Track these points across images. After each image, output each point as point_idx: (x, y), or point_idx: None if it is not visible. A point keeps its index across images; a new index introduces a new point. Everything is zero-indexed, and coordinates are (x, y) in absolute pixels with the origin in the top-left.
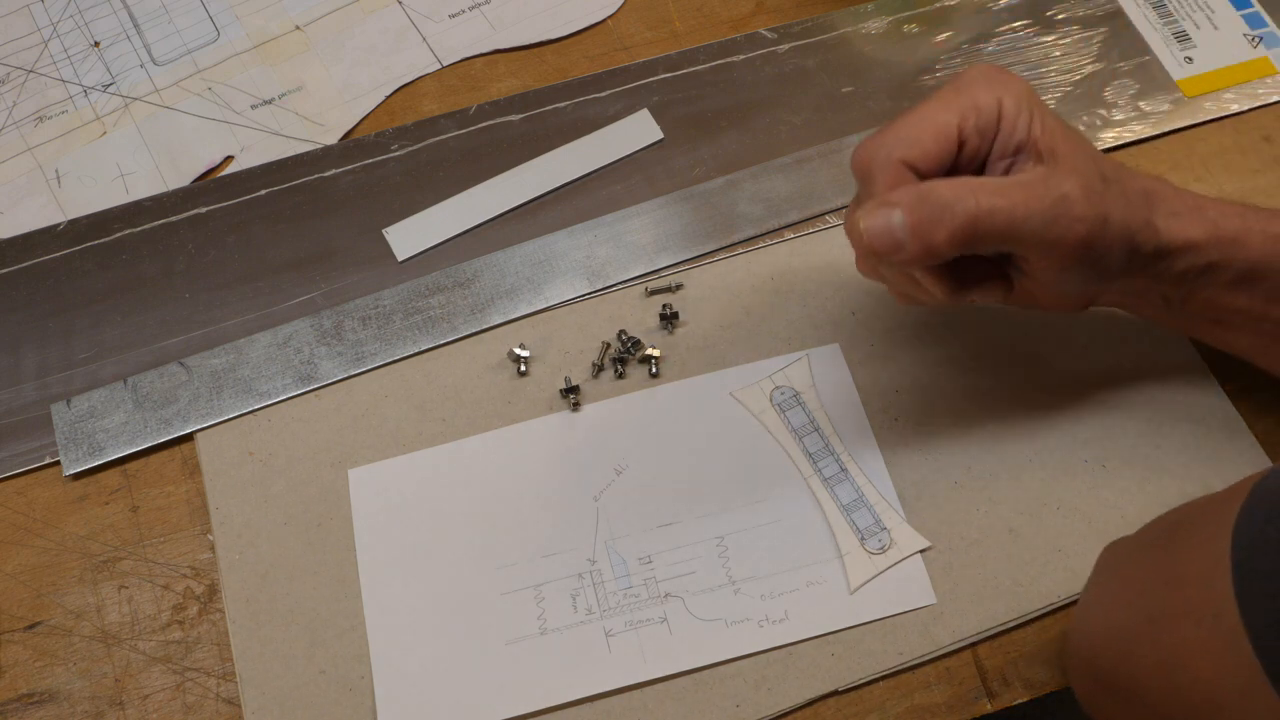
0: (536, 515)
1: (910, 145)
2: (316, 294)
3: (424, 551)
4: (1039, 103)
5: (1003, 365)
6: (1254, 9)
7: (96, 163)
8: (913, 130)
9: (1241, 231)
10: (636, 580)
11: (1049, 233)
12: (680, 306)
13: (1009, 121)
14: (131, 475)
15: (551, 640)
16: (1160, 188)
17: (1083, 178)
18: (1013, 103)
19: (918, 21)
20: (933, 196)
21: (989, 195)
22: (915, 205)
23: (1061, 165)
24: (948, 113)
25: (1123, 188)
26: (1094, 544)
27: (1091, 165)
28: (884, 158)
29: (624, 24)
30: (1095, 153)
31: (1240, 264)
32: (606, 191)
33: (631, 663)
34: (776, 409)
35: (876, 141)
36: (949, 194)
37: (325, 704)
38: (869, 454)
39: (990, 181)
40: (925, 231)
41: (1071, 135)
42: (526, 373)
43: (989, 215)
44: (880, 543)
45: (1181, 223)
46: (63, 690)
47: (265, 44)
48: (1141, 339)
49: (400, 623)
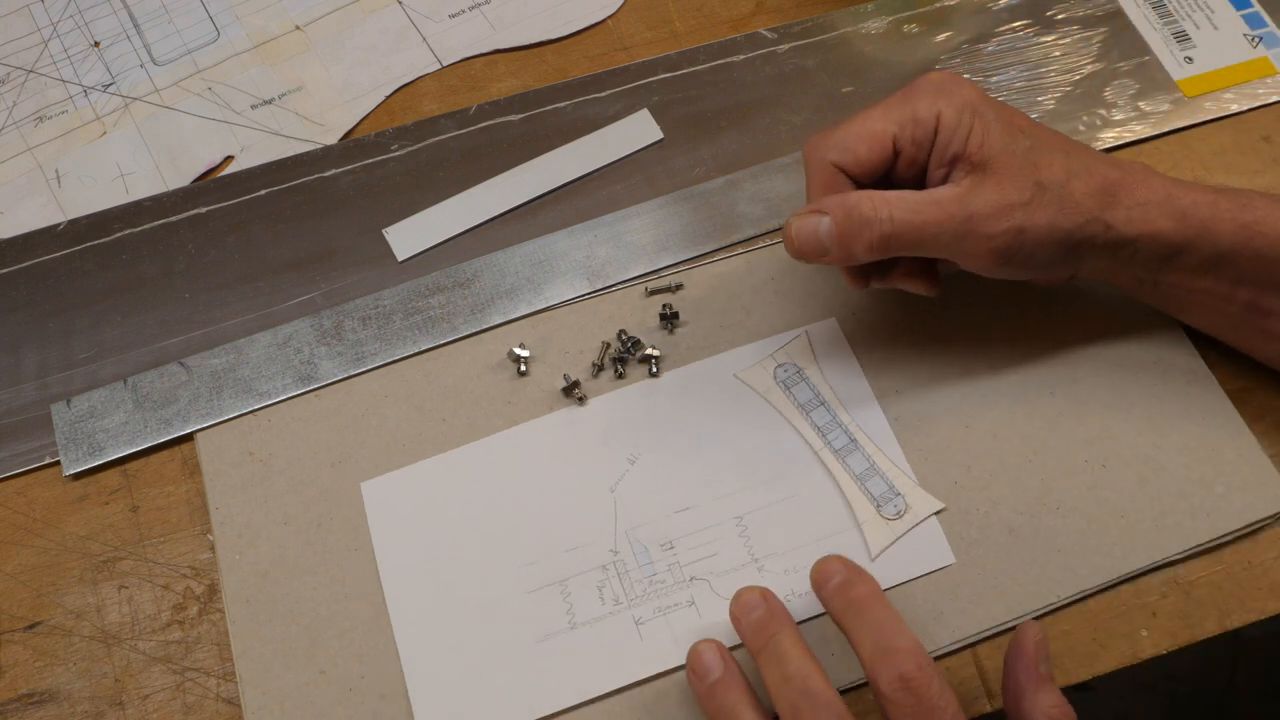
0: (554, 511)
1: (844, 152)
2: (316, 294)
3: (445, 557)
4: (985, 111)
5: (1003, 366)
6: (1254, 9)
7: (96, 163)
8: (849, 138)
9: (1211, 219)
10: (660, 566)
11: (960, 246)
12: (680, 306)
13: (945, 134)
14: (131, 475)
15: (582, 634)
16: (1126, 180)
17: (1003, 193)
18: (953, 115)
19: (918, 21)
20: (855, 211)
21: (904, 213)
22: (841, 218)
23: (988, 179)
24: (886, 122)
25: (1065, 191)
26: (1094, 544)
27: (1024, 177)
28: (819, 160)
29: (624, 24)
30: (1043, 158)
31: (1208, 250)
32: (606, 191)
33: (664, 648)
34: (781, 386)
35: (818, 141)
36: (869, 210)
37: (325, 704)
38: (875, 422)
39: (909, 198)
40: (847, 241)
41: (1012, 146)
42: (526, 373)
43: (902, 232)
44: (896, 508)
45: (1147, 213)
46: (63, 690)
47: (265, 44)
48: (1142, 339)
49: (429, 630)
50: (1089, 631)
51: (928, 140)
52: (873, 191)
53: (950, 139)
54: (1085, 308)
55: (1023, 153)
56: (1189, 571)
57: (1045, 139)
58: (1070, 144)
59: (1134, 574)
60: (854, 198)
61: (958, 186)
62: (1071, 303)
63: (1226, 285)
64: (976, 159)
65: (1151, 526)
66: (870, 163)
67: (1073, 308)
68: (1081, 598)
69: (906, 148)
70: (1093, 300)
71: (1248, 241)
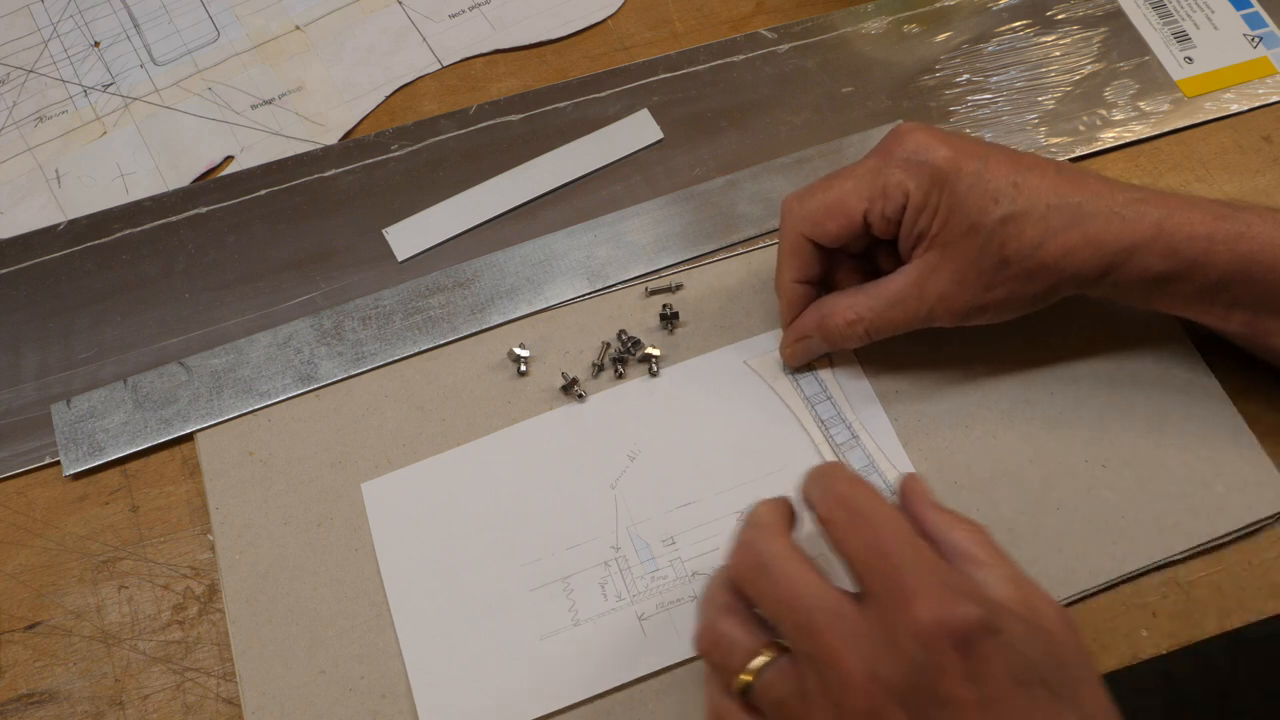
0: (555, 509)
1: (814, 225)
2: (316, 294)
3: (447, 556)
4: (956, 184)
5: (1002, 366)
6: (1254, 9)
7: (96, 163)
8: (820, 214)
9: (1205, 253)
10: (663, 562)
11: (933, 322)
12: (680, 306)
13: (912, 214)
14: (131, 475)
15: (586, 631)
16: (1112, 225)
17: (958, 279)
18: (920, 195)
19: (918, 21)
20: (832, 330)
21: (875, 315)
22: (823, 336)
23: (946, 263)
24: (857, 198)
25: (1035, 260)
26: (1094, 544)
27: (988, 254)
28: (790, 228)
29: (624, 24)
30: (1014, 227)
31: (1202, 280)
32: (606, 191)
33: (668, 644)
34: (790, 378)
35: (794, 207)
36: (842, 324)
37: (325, 704)
38: (877, 422)
39: (876, 301)
40: (835, 345)
41: (980, 220)
42: (526, 372)
43: (878, 330)
44: None
45: (1134, 256)
46: (63, 690)
47: (265, 44)
48: (1143, 340)
49: (432, 630)
50: (1089, 631)
51: (897, 215)
52: (839, 300)
53: (916, 219)
54: (1085, 309)
55: (992, 226)
56: (1189, 571)
57: (1027, 195)
58: (1058, 188)
59: (1134, 574)
60: (825, 311)
61: (917, 271)
62: (1072, 304)
63: (1221, 309)
64: (939, 240)
65: (1151, 526)
66: (840, 237)
67: (1073, 309)
68: (1081, 598)
69: (877, 221)
70: (1093, 301)
71: (1244, 270)
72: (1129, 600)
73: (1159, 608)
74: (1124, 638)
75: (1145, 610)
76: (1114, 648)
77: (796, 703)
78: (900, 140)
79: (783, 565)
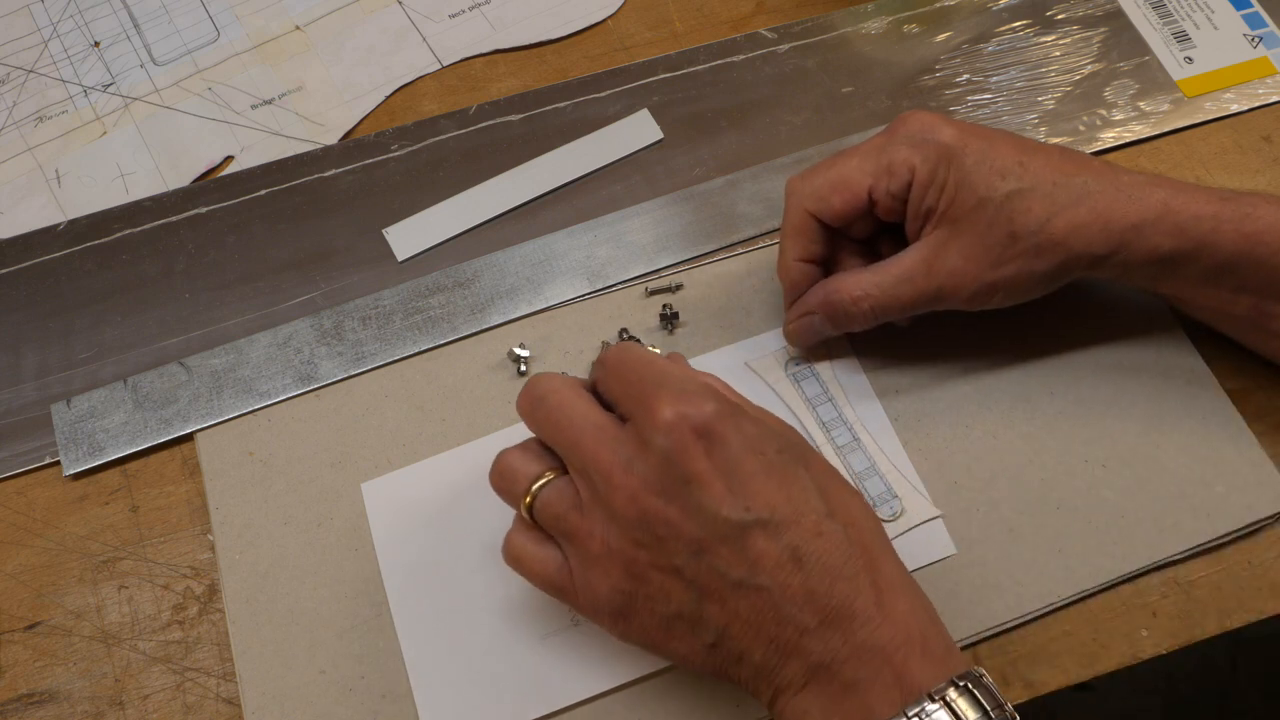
0: None
1: (819, 202)
2: (316, 294)
3: (447, 556)
4: (963, 160)
5: (1002, 366)
6: (1254, 9)
7: (96, 163)
8: (825, 187)
9: (1211, 233)
10: None
11: (941, 302)
12: (680, 306)
13: (919, 190)
14: (131, 475)
15: (586, 631)
16: (1119, 203)
17: (968, 255)
18: (927, 171)
19: (918, 21)
20: (838, 306)
21: (882, 292)
22: (828, 313)
23: (955, 240)
24: (862, 174)
25: (1044, 235)
26: (1094, 544)
27: (996, 230)
28: (795, 205)
29: (624, 24)
30: (1022, 203)
31: (1208, 262)
32: (606, 191)
33: None
34: (790, 379)
35: (797, 185)
36: (849, 301)
37: (325, 704)
38: (877, 422)
39: (883, 279)
40: (841, 326)
41: (988, 196)
42: (526, 373)
43: (885, 309)
44: (892, 510)
45: (1141, 234)
46: (63, 690)
47: (265, 44)
48: (1143, 339)
49: (433, 630)
50: (1089, 631)
51: (903, 192)
52: (845, 278)
53: (923, 195)
54: (1085, 307)
55: (999, 201)
56: (1189, 571)
57: (1033, 173)
58: (1062, 167)
59: (1134, 574)
60: (832, 289)
61: (925, 249)
62: (1072, 303)
63: (1228, 293)
64: (948, 216)
65: (1151, 526)
66: (845, 214)
67: (1073, 308)
68: (1081, 598)
69: (882, 199)
70: (1093, 300)
71: (1250, 251)
72: (1129, 600)
73: (1159, 608)
74: (1124, 638)
75: (1145, 610)
76: (1114, 648)
77: (575, 515)
78: (905, 122)
79: (557, 396)
